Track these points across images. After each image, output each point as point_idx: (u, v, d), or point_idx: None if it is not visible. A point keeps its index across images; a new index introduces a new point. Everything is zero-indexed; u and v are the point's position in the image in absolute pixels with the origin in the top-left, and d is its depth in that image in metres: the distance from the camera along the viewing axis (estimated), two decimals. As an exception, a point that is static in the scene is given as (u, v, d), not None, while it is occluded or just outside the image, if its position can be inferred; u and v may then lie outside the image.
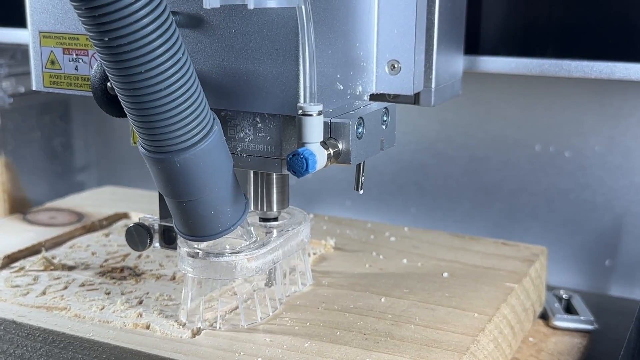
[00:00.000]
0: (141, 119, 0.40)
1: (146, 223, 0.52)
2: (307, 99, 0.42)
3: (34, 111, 0.83)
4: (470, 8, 0.58)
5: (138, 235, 0.52)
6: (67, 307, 0.50)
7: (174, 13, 0.43)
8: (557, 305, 0.61)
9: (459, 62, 0.57)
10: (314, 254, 0.60)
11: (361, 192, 0.48)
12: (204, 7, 0.41)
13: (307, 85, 0.42)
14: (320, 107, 0.41)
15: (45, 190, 0.85)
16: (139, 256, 0.59)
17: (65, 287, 0.54)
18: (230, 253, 0.47)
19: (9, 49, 0.78)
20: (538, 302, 0.59)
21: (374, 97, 0.50)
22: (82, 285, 0.54)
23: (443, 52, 0.52)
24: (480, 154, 0.74)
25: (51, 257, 0.59)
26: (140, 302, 0.51)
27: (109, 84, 0.44)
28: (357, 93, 0.48)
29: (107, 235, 0.65)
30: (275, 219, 0.51)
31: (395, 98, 0.50)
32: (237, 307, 0.50)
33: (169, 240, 0.52)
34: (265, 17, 0.42)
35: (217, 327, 0.48)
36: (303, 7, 0.41)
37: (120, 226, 0.68)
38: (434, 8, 0.50)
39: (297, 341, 0.46)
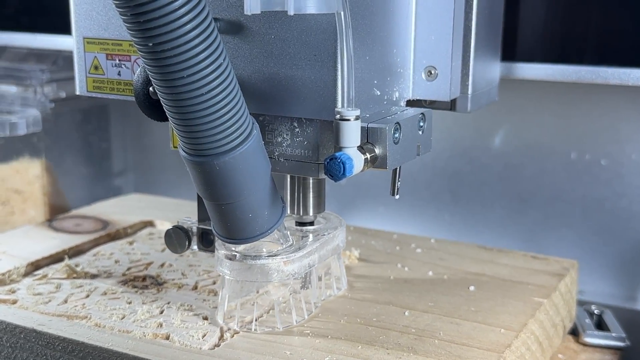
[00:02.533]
0: (182, 123, 0.41)
1: (185, 226, 0.53)
2: (345, 104, 0.43)
3: (74, 116, 0.85)
4: (508, 15, 0.58)
5: (177, 238, 0.53)
6: (87, 316, 0.50)
7: (216, 19, 0.44)
8: (587, 321, 0.59)
9: (495, 69, 0.57)
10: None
11: (397, 197, 0.48)
12: (245, 13, 0.42)
13: (345, 90, 0.43)
14: (357, 112, 0.42)
15: (84, 194, 0.86)
16: (162, 265, 0.59)
17: (87, 296, 0.54)
18: (267, 256, 0.48)
19: (51, 55, 0.80)
20: (568, 318, 0.58)
21: (411, 103, 0.51)
22: (104, 293, 0.54)
23: (480, 58, 0.52)
24: (515, 161, 0.74)
25: (74, 265, 0.59)
26: (161, 312, 0.51)
27: (151, 88, 0.45)
28: (394, 99, 0.48)
29: (131, 243, 0.65)
30: (312, 224, 0.52)
31: (432, 104, 0.51)
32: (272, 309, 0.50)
33: (206, 243, 0.53)
34: (305, 23, 0.43)
35: (253, 329, 0.48)
36: (342, 13, 0.41)
37: (145, 234, 0.67)
38: (472, 15, 0.51)
39: (317, 355, 0.45)
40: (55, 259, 0.61)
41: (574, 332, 0.58)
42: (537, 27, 0.60)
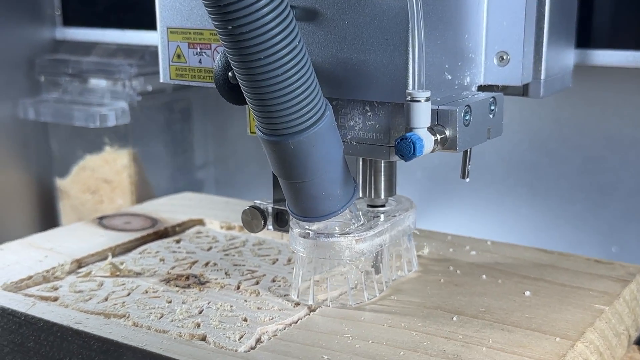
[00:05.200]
0: (259, 103, 0.42)
1: (261, 206, 0.55)
2: (416, 86, 0.44)
3: (159, 109, 0.88)
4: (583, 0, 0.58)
5: (253, 217, 0.54)
6: (126, 315, 0.50)
7: (293, 7, 0.46)
8: None
9: (569, 55, 0.57)
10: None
11: (467, 180, 0.49)
12: (320, -1, 0.43)
13: (416, 73, 0.43)
14: (428, 94, 0.43)
15: (168, 185, 0.89)
16: (206, 264, 0.59)
17: (128, 294, 0.53)
18: (340, 234, 0.49)
19: (138, 50, 0.84)
20: (634, 327, 0.54)
21: (482, 89, 0.51)
22: (145, 292, 0.53)
23: (553, 43, 0.52)
24: (595, 153, 0.73)
25: (119, 263, 0.58)
26: (200, 312, 0.50)
27: (230, 73, 0.47)
28: (465, 84, 0.49)
29: (178, 241, 0.64)
30: (383, 206, 0.53)
31: (504, 90, 0.51)
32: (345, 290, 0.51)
33: (281, 223, 0.54)
34: (377, 8, 0.44)
35: (327, 306, 0.50)
36: None
37: (192, 233, 0.67)
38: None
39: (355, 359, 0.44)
40: (102, 256, 0.61)
41: (641, 342, 0.55)
42: (614, 11, 0.59)
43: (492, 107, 0.47)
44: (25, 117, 0.84)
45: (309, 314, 0.50)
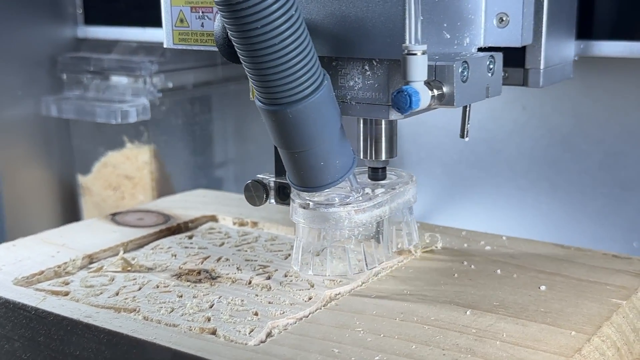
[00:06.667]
0: (257, 72, 0.43)
1: (263, 180, 0.55)
2: (412, 41, 0.44)
3: (180, 106, 0.89)
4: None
5: (255, 191, 0.55)
6: (136, 309, 0.49)
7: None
8: None
9: (569, 45, 0.56)
10: (400, 262, 0.56)
11: (467, 139, 0.48)
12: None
13: (412, 27, 0.44)
14: (424, 47, 0.43)
15: (188, 182, 0.90)
16: (218, 259, 0.58)
17: (139, 289, 0.53)
18: (339, 205, 0.49)
19: (159, 47, 0.84)
20: None
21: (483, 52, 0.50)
22: (156, 287, 0.53)
23: (553, 33, 0.52)
24: (617, 148, 0.72)
25: (131, 259, 0.58)
26: (211, 306, 0.50)
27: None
28: (465, 44, 0.49)
29: (190, 237, 0.64)
30: (384, 170, 0.53)
31: (505, 80, 0.50)
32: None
33: (283, 196, 0.55)
34: None
35: (327, 275, 0.50)
36: None
37: (205, 229, 0.66)
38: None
39: (367, 354, 0.43)
40: (114, 252, 0.61)
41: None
42: (615, 2, 0.57)
43: (491, 66, 0.47)
44: (48, 115, 0.86)
45: (321, 308, 0.49)
